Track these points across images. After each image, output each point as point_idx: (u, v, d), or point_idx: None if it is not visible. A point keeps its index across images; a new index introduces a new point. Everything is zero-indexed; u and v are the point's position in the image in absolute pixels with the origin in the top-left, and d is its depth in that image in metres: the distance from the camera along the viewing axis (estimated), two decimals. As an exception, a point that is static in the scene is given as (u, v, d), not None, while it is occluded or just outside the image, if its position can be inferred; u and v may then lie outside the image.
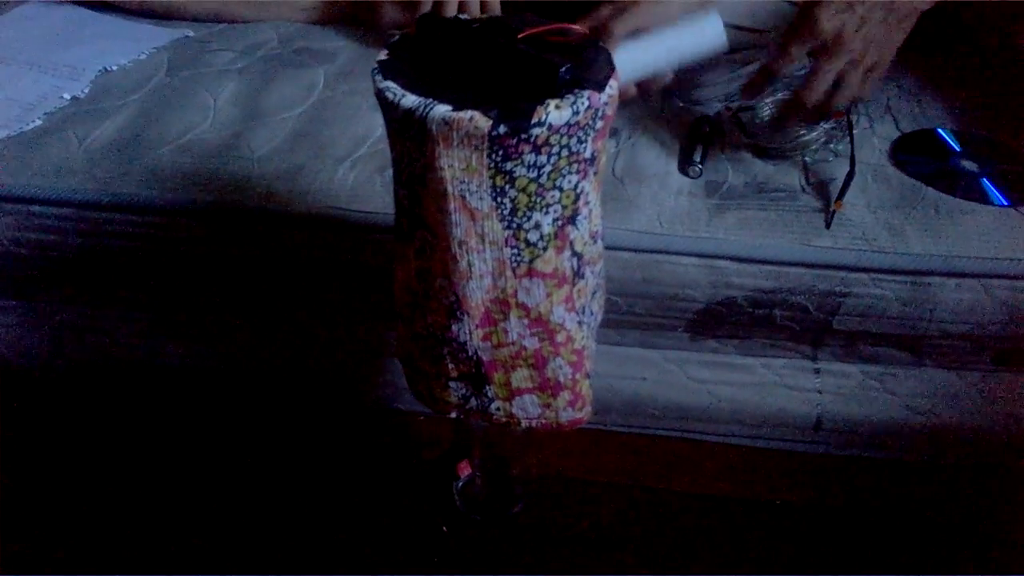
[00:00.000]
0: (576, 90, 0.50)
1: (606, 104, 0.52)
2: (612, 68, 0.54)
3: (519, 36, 0.54)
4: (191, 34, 1.11)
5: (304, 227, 0.83)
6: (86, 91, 0.97)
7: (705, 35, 0.83)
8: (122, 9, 1.14)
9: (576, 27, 0.55)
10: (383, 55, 0.55)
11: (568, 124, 0.50)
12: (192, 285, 0.90)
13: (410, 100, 0.50)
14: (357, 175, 0.85)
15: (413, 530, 0.84)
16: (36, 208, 0.84)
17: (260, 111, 0.94)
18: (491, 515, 0.85)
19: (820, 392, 0.88)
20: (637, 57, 0.82)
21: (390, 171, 0.81)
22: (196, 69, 1.02)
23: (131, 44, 1.07)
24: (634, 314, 0.84)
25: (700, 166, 0.86)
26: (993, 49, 1.03)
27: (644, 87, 0.86)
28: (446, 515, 0.84)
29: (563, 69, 0.50)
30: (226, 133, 0.91)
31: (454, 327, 0.57)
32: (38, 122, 0.92)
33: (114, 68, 1.02)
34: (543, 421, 0.61)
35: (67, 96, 0.96)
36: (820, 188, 0.84)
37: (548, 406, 0.60)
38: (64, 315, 0.95)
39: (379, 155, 0.87)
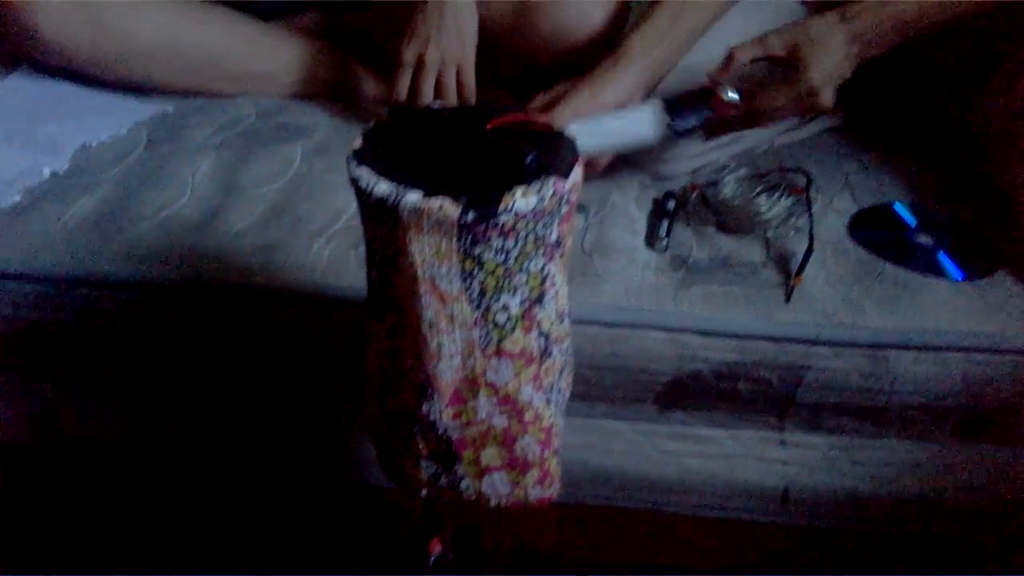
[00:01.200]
0: (542, 177, 0.53)
1: (570, 191, 0.54)
2: (575, 156, 0.56)
3: (488, 125, 0.57)
4: (171, 109, 1.13)
5: (280, 302, 0.84)
6: (66, 166, 0.99)
7: (638, 125, 0.88)
8: (103, 83, 1.16)
9: (540, 118, 0.58)
10: (358, 143, 0.57)
11: (534, 210, 0.52)
12: (170, 360, 0.91)
13: (383, 188, 0.52)
14: (332, 250, 0.86)
15: (385, 605, 0.84)
16: (12, 284, 0.85)
17: (238, 186, 0.96)
18: (463, 590, 0.85)
19: (786, 463, 0.89)
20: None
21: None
22: (175, 144, 1.04)
23: (111, 119, 1.08)
24: (603, 387, 0.86)
25: (666, 241, 0.88)
26: (946, 126, 1.07)
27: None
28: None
29: (529, 158, 0.53)
30: (204, 208, 0.92)
31: (424, 406, 0.58)
32: (17, 197, 0.93)
33: (94, 143, 1.03)
34: (513, 499, 0.62)
35: (47, 171, 0.97)
36: (781, 263, 0.86)
37: (517, 484, 0.61)
38: (43, 391, 0.95)
39: (354, 230, 0.89)
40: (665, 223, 0.90)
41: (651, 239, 0.89)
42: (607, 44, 1.04)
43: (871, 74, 1.04)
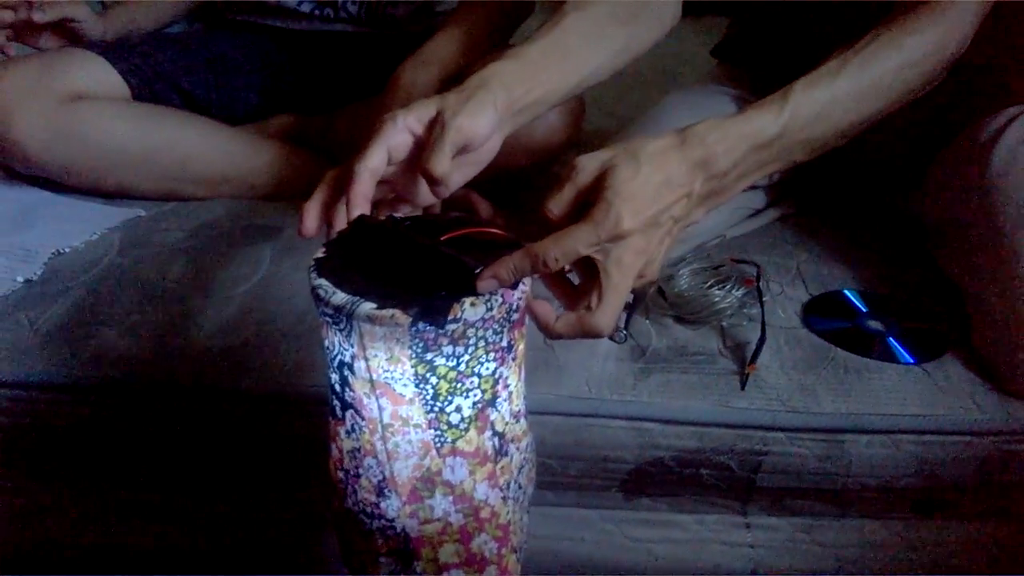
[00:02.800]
0: None
1: (519, 299, 0.57)
2: None
3: (443, 236, 0.60)
4: (143, 213, 1.16)
5: (247, 403, 0.86)
6: (39, 273, 1.01)
7: None
8: (77, 190, 1.19)
9: (497, 230, 0.61)
10: (320, 252, 0.60)
11: (483, 319, 0.54)
12: (139, 463, 0.92)
13: (339, 298, 0.54)
14: (299, 350, 0.89)
15: None
16: (-15, 391, 0.87)
17: (208, 289, 0.98)
18: None
19: (752, 546, 0.91)
20: None
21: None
22: (146, 248, 1.06)
23: (84, 225, 1.11)
24: (568, 476, 0.87)
25: (625, 331, 0.91)
26: (893, 214, 1.11)
27: None
28: None
29: (478, 270, 0.55)
30: (174, 312, 0.94)
31: (383, 503, 0.60)
32: (-9, 307, 0.95)
33: (67, 249, 1.06)
34: (471, 598, 0.63)
35: (20, 279, 0.99)
36: (736, 351, 0.89)
37: (475, 581, 0.63)
38: (16, 496, 0.95)
39: (319, 330, 0.91)
40: (624, 315, 0.93)
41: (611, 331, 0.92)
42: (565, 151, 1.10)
43: (817, 167, 1.09)
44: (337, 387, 0.59)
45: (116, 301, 0.96)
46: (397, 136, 0.68)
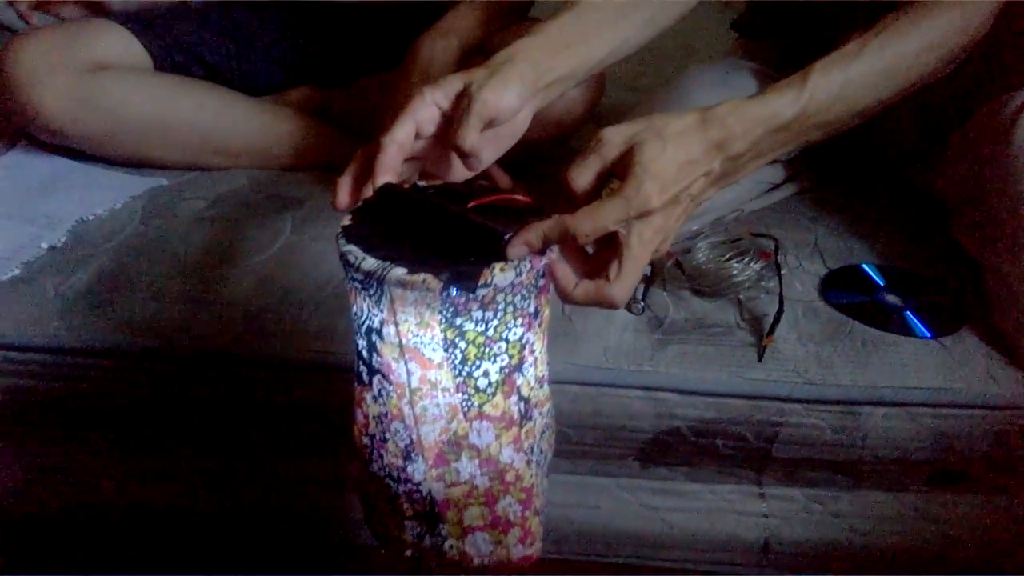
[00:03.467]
0: None
1: (546, 266, 0.58)
2: None
3: (470, 204, 0.60)
4: (165, 183, 1.17)
5: (270, 369, 0.87)
6: (63, 240, 1.02)
7: None
8: (100, 159, 1.20)
9: (521, 196, 0.62)
10: (347, 220, 0.61)
11: (512, 284, 0.55)
12: (164, 427, 0.93)
13: (370, 263, 0.55)
14: (320, 318, 0.90)
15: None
16: (11, 354, 0.88)
17: (229, 257, 0.99)
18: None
19: (766, 516, 0.92)
20: None
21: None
22: (169, 218, 1.07)
23: (108, 193, 1.12)
24: (585, 445, 0.88)
25: (643, 303, 0.92)
26: (912, 190, 1.11)
27: None
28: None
29: (507, 236, 0.56)
30: (196, 280, 0.95)
31: (409, 467, 0.61)
32: (16, 271, 0.96)
33: (90, 217, 1.07)
34: (495, 558, 0.64)
35: (45, 245, 1.01)
36: (754, 324, 0.90)
37: (499, 543, 0.64)
38: (40, 458, 0.97)
39: (342, 298, 0.91)
40: (641, 287, 0.93)
41: (629, 302, 0.92)
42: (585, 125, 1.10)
43: (836, 142, 1.09)
44: (364, 353, 0.60)
45: (140, 268, 0.97)
46: (425, 111, 0.69)
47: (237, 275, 0.96)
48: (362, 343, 0.59)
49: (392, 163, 0.66)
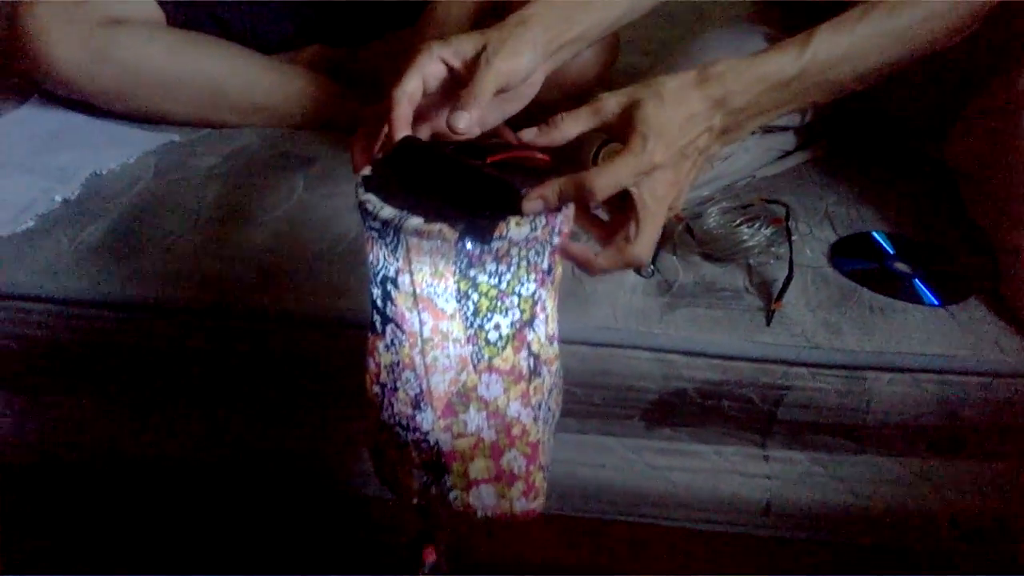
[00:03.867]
0: None
1: (562, 222, 0.58)
2: None
3: (488, 159, 0.61)
4: (177, 138, 1.17)
5: (282, 324, 0.88)
6: (77, 193, 1.03)
7: None
8: (113, 114, 1.20)
9: (538, 155, 0.62)
10: (367, 170, 0.61)
11: (527, 239, 0.56)
12: (175, 379, 0.94)
13: (387, 212, 0.56)
14: (333, 274, 0.90)
15: (381, 615, 0.86)
16: (27, 305, 0.89)
17: (242, 213, 1.00)
18: (457, 600, 0.88)
19: (769, 478, 0.93)
20: None
21: (363, 270, 0.87)
22: (182, 172, 1.08)
23: (120, 148, 1.12)
24: (592, 404, 0.89)
25: (652, 267, 0.92)
26: (922, 159, 1.11)
27: None
28: (413, 601, 0.87)
29: (523, 191, 0.57)
30: (209, 234, 0.96)
31: (418, 417, 0.62)
32: (30, 223, 0.97)
33: (104, 172, 1.07)
34: (498, 511, 0.65)
35: (59, 198, 1.01)
36: (762, 288, 0.90)
37: (503, 496, 0.65)
38: (53, 408, 0.98)
39: (354, 255, 0.92)
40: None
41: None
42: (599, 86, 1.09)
43: (849, 109, 1.09)
44: (379, 302, 0.60)
45: (153, 223, 0.98)
46: (431, 66, 0.69)
47: (250, 231, 0.96)
48: (377, 292, 0.60)
49: (405, 115, 0.66)
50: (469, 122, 0.66)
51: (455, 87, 0.70)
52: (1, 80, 1.28)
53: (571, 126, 0.64)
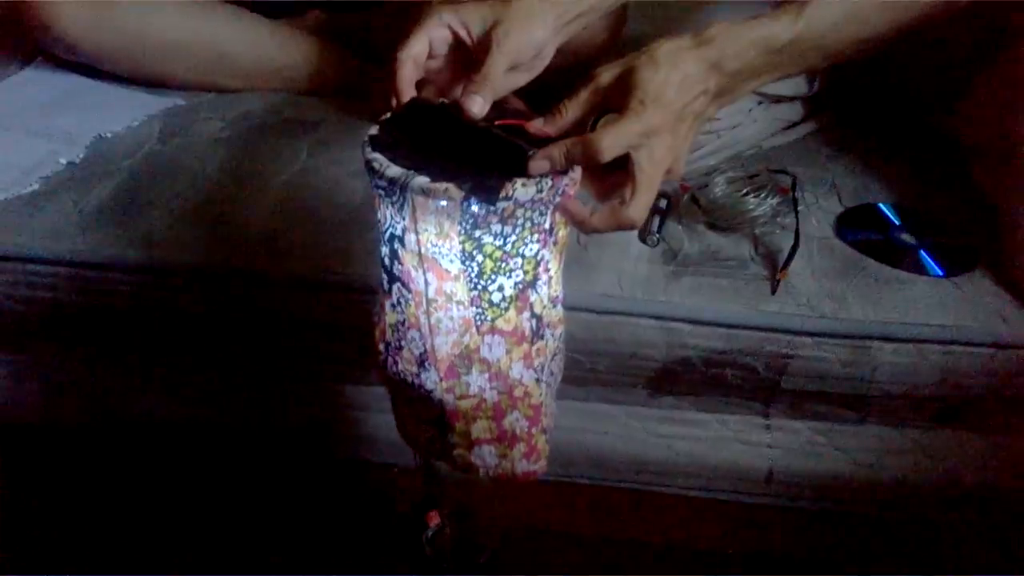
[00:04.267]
0: None
1: (567, 184, 0.58)
2: None
3: (495, 122, 0.61)
4: (182, 102, 1.17)
5: (287, 288, 0.88)
6: (82, 156, 1.03)
7: None
8: (117, 78, 1.19)
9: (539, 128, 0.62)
10: (374, 130, 0.61)
11: (532, 200, 0.56)
12: (179, 342, 0.95)
13: (394, 170, 0.56)
14: (338, 239, 0.90)
15: (384, 578, 0.87)
16: (32, 267, 0.89)
17: (247, 177, 0.99)
18: (459, 564, 0.88)
19: (771, 447, 0.93)
20: None
21: (370, 235, 0.87)
22: (186, 136, 1.08)
23: (125, 111, 1.12)
24: (596, 372, 0.90)
25: (658, 235, 0.92)
26: (929, 131, 1.11)
27: None
28: (416, 564, 0.88)
29: (531, 152, 0.57)
30: (214, 198, 0.96)
31: (423, 375, 0.62)
32: (35, 186, 0.96)
33: (109, 134, 1.07)
34: (500, 471, 0.66)
35: (64, 161, 1.01)
36: (768, 258, 0.90)
37: (504, 456, 0.65)
38: (56, 370, 0.99)
39: (359, 220, 0.92)
40: (657, 219, 0.93)
41: (643, 233, 0.93)
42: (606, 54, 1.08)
43: (857, 80, 1.08)
44: (386, 260, 0.61)
45: (158, 186, 0.97)
46: (438, 30, 0.69)
47: (255, 195, 0.96)
48: (385, 250, 0.60)
49: (410, 76, 0.66)
50: (483, 106, 0.66)
51: (461, 52, 0.70)
52: (5, 43, 1.27)
53: (574, 109, 0.64)
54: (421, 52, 0.68)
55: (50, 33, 1.12)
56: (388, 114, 0.64)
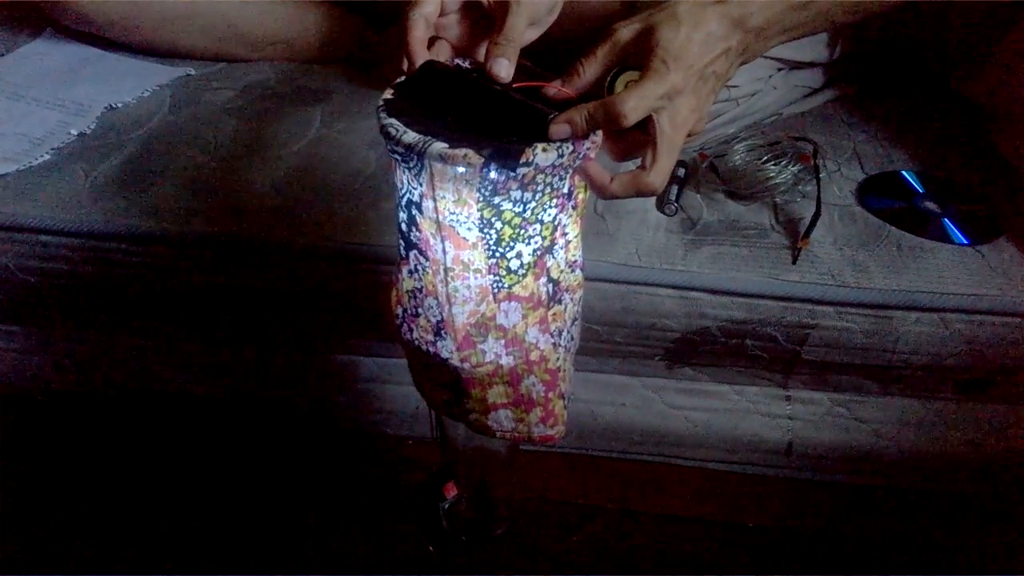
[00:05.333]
0: None
1: (588, 148, 0.57)
2: None
3: (514, 86, 0.59)
4: (192, 72, 1.15)
5: (300, 258, 0.87)
6: (92, 127, 1.02)
7: None
8: (127, 48, 1.18)
9: (562, 86, 0.60)
10: (388, 94, 0.60)
11: (553, 165, 0.54)
12: (191, 313, 0.94)
13: (410, 136, 0.54)
14: (350, 209, 0.89)
15: (401, 550, 0.87)
16: (44, 238, 0.88)
17: (259, 147, 0.98)
18: (476, 536, 0.88)
19: (791, 418, 0.92)
20: None
21: (383, 205, 0.86)
22: (197, 106, 1.06)
23: (136, 82, 1.11)
24: (614, 343, 0.88)
25: (676, 204, 0.91)
26: (952, 98, 1.08)
27: None
28: (433, 536, 0.88)
29: (551, 115, 0.55)
30: (226, 168, 0.95)
31: (439, 343, 0.61)
32: (46, 156, 0.96)
33: (119, 105, 1.06)
34: (516, 435, 0.65)
35: (74, 132, 1.00)
36: (789, 226, 0.88)
37: (521, 420, 0.64)
38: (68, 341, 0.98)
39: (372, 190, 0.91)
40: (675, 188, 0.92)
41: (661, 202, 0.91)
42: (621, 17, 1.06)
43: (878, 45, 1.06)
44: (404, 227, 0.59)
45: (170, 156, 0.97)
46: None
47: (267, 165, 0.95)
48: (402, 216, 0.59)
49: (422, 36, 0.64)
50: (509, 68, 0.64)
51: (473, 7, 0.68)
52: (14, 14, 1.26)
53: (592, 68, 0.62)
54: (433, 11, 0.66)
55: (59, 3, 1.10)
56: (402, 77, 0.62)
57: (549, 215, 0.57)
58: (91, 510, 0.94)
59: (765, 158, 0.94)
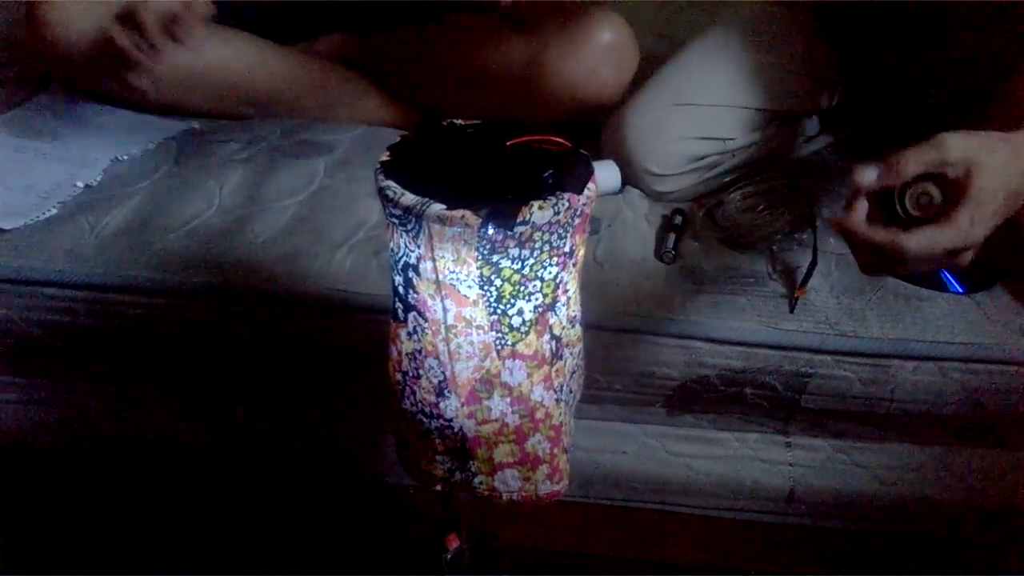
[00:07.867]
0: (558, 192, 0.56)
1: (584, 204, 0.58)
2: (590, 172, 0.59)
3: (508, 143, 0.60)
4: (197, 126, 1.17)
5: (303, 308, 0.88)
6: (98, 179, 1.03)
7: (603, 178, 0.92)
8: (131, 103, 1.20)
9: (558, 138, 0.61)
10: (385, 156, 0.61)
11: (549, 222, 0.55)
12: (196, 364, 0.95)
13: (408, 199, 0.55)
14: (354, 259, 0.90)
15: (403, 600, 0.87)
16: (49, 291, 0.89)
17: (263, 199, 1.00)
18: (478, 586, 0.88)
19: (792, 465, 0.92)
20: None
21: (385, 255, 0.87)
22: (202, 159, 1.08)
23: (141, 135, 1.13)
24: (614, 390, 0.89)
25: (674, 252, 0.92)
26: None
27: None
28: (435, 586, 0.87)
29: (546, 174, 0.56)
30: (230, 219, 0.96)
31: (442, 404, 0.61)
32: (53, 211, 0.97)
33: (125, 157, 1.07)
34: (523, 494, 0.65)
35: (80, 184, 1.01)
36: (786, 275, 0.89)
37: (528, 479, 0.64)
38: (73, 393, 0.99)
39: (374, 240, 0.92)
40: (672, 237, 0.93)
41: (660, 251, 0.92)
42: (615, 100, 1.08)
43: (874, 92, 1.07)
44: (401, 289, 0.60)
45: (174, 208, 0.98)
46: None
47: (271, 215, 0.96)
48: (399, 279, 0.60)
49: None
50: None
51: None
52: (19, 69, 1.28)
53: (914, 166, 0.64)
54: None
55: (62, 58, 1.12)
56: (398, 138, 0.64)
57: (550, 273, 0.58)
58: (94, 560, 0.94)
59: (760, 206, 0.95)
